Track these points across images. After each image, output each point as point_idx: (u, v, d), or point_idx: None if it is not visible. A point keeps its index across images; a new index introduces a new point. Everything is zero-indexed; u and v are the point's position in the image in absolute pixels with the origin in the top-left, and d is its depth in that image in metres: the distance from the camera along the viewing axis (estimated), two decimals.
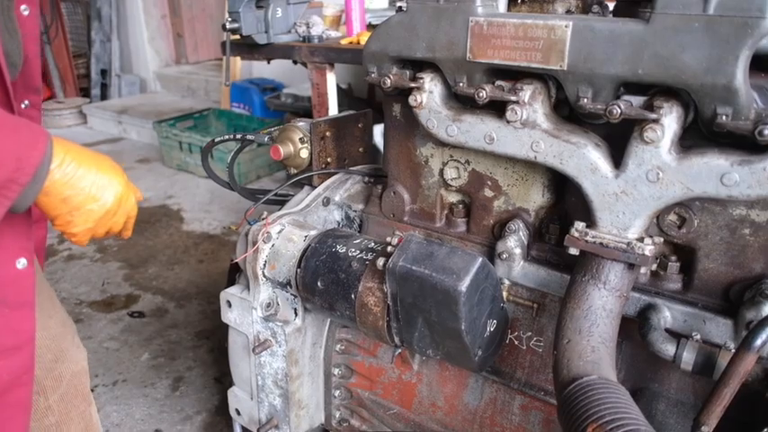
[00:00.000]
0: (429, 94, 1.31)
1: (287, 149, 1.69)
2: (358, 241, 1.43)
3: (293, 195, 1.78)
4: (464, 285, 1.14)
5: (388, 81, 1.34)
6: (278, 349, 1.55)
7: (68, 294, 2.93)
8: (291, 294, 1.54)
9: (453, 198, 1.51)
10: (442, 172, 1.46)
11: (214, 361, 2.48)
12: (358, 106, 4.34)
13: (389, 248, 1.27)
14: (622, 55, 1.06)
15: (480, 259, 1.18)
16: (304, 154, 1.69)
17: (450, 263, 1.18)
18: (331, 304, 1.40)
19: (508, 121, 1.19)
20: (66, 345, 1.44)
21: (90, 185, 0.94)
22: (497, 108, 1.23)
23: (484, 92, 1.19)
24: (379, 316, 1.31)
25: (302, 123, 1.72)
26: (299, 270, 1.45)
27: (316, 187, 1.71)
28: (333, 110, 2.92)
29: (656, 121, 1.04)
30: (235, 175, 1.93)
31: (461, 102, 1.33)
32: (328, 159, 1.74)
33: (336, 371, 1.65)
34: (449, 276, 1.16)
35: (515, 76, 1.23)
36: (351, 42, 2.86)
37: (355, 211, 1.70)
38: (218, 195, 4.12)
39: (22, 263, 1.09)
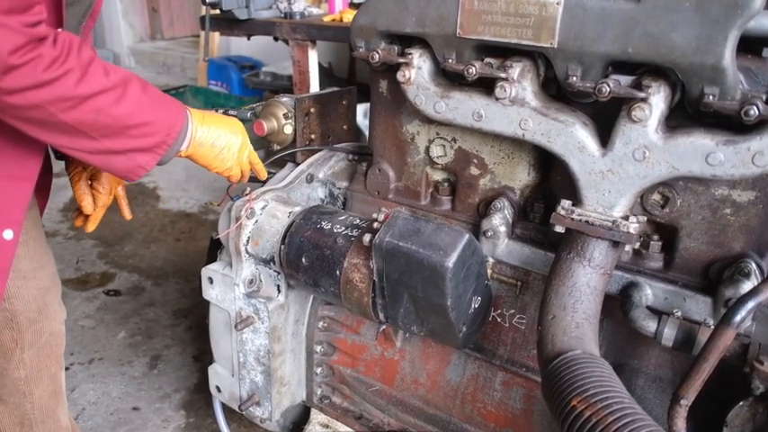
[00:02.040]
0: (417, 70, 1.30)
1: (270, 125, 1.67)
2: (343, 218, 1.42)
3: (275, 173, 1.76)
4: (451, 261, 1.14)
5: (377, 56, 1.33)
6: (260, 326, 1.54)
7: None
8: (275, 271, 1.53)
9: (439, 176, 1.51)
10: (428, 149, 1.45)
11: (192, 339, 2.46)
12: (339, 86, 4.31)
13: (376, 225, 1.27)
14: (612, 33, 1.07)
15: (467, 236, 1.18)
16: (288, 130, 1.67)
17: (437, 239, 1.18)
18: (315, 281, 1.39)
19: (497, 99, 1.19)
20: (50, 299, 1.45)
21: (224, 131, 1.28)
22: (486, 85, 1.23)
23: (473, 68, 1.19)
24: (364, 292, 1.31)
25: (286, 99, 1.70)
26: (282, 246, 1.44)
27: (299, 164, 1.70)
28: (314, 88, 2.89)
29: (644, 100, 1.05)
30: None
31: (449, 78, 1.32)
32: (312, 136, 1.73)
33: (319, 348, 1.65)
34: (436, 252, 1.16)
35: (504, 53, 1.23)
36: (333, 20, 2.83)
37: (339, 189, 1.69)
38: (195, 174, 4.06)
39: (8, 234, 1.16)
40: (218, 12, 2.87)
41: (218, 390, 1.73)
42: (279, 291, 1.55)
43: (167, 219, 3.53)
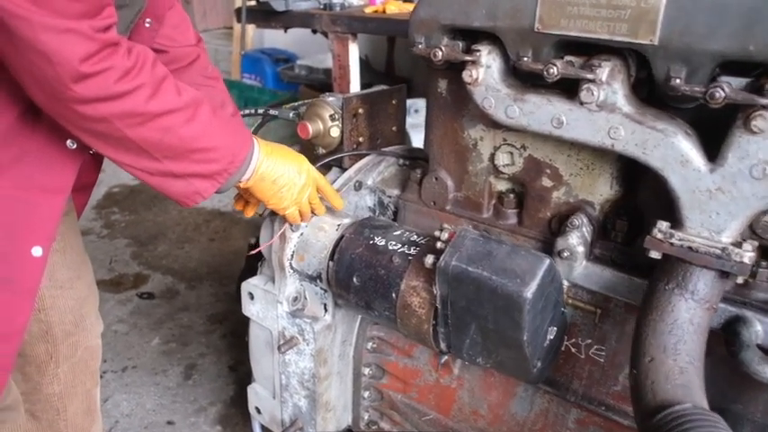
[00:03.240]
0: (486, 70, 1.15)
1: (316, 127, 1.53)
2: (398, 233, 1.29)
3: None
4: (530, 291, 1.00)
5: (440, 53, 1.18)
6: (305, 347, 1.42)
7: None
8: (321, 288, 1.40)
9: (503, 186, 1.35)
10: (492, 157, 1.30)
11: (228, 347, 2.36)
12: (376, 79, 4.16)
13: (439, 245, 1.13)
14: (730, 28, 0.90)
15: (547, 261, 1.03)
16: (334, 133, 1.53)
17: (513, 264, 1.04)
18: (368, 303, 1.26)
19: (582, 103, 1.04)
20: (87, 310, 1.38)
21: (289, 167, 1.21)
22: (566, 87, 1.07)
23: (554, 68, 1.03)
24: (424, 319, 1.17)
25: (332, 99, 1.56)
26: (331, 263, 1.31)
27: (346, 169, 1.56)
28: (354, 83, 2.76)
29: (765, 107, 0.89)
30: None
31: (520, 79, 1.17)
32: (360, 139, 1.59)
33: (367, 370, 1.52)
34: (512, 280, 1.01)
35: (587, 50, 1.07)
36: (376, 11, 2.68)
37: (390, 197, 1.55)
38: None
39: (37, 251, 1.09)
40: (253, 3, 2.76)
41: (258, 411, 1.61)
42: (326, 310, 1.42)
43: (201, 218, 3.44)
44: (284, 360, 1.47)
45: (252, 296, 1.48)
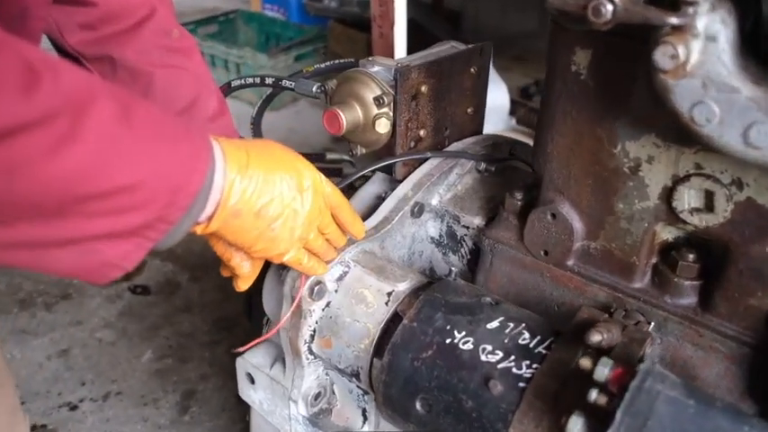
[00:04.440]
0: (707, 44, 0.56)
1: (353, 116, 0.97)
2: (496, 325, 0.74)
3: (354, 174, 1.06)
4: None
5: (608, 9, 0.58)
6: None
7: None
8: (359, 388, 0.88)
9: (671, 235, 0.79)
10: (669, 193, 0.73)
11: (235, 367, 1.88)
12: (419, 13, 3.49)
13: (594, 395, 0.58)
14: None
15: None
16: (382, 128, 0.97)
17: None
18: None
19: None
20: None
21: (283, 185, 0.71)
22: None
23: None
24: None
25: (378, 69, 0.99)
26: (377, 361, 0.79)
27: (399, 180, 1.01)
28: (400, 24, 2.13)
29: None
30: (262, 132, 1.29)
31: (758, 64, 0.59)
32: (421, 132, 1.02)
33: None
34: None
35: None
36: None
37: (466, 228, 0.99)
38: (246, 126, 3.41)
39: None
40: None
41: None
42: (365, 417, 0.90)
43: None
44: None
45: (252, 379, 0.97)
